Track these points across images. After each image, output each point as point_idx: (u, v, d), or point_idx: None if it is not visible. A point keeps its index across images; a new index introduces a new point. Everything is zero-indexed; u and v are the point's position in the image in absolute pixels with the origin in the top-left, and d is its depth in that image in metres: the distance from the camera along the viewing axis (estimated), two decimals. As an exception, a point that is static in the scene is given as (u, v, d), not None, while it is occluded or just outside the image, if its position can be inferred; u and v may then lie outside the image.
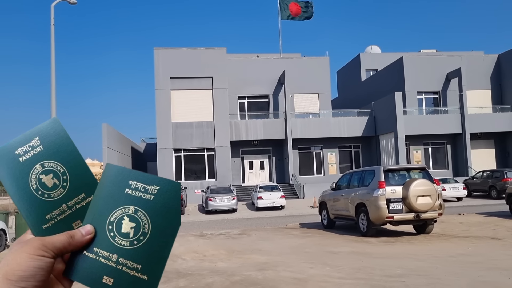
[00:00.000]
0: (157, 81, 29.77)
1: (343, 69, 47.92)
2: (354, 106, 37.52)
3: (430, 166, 33.95)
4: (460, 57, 34.55)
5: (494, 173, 26.43)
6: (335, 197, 14.33)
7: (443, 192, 25.00)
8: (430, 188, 11.69)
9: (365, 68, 42.72)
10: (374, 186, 12.09)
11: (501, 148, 34.31)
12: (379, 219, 11.86)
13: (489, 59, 34.93)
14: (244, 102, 33.69)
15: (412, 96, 33.85)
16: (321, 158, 33.80)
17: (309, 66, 33.95)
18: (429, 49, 43.78)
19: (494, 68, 34.64)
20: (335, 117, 33.19)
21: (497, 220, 15.27)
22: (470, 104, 32.89)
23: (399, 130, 30.40)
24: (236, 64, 32.86)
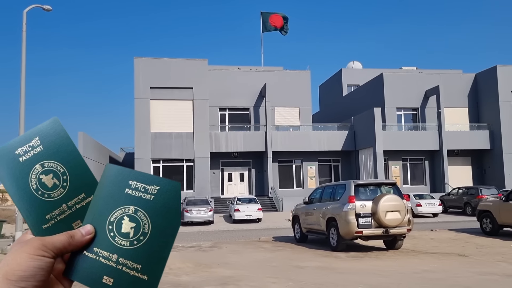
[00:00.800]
0: (137, 90, 29.57)
1: (325, 84, 48.37)
2: (335, 121, 37.82)
3: (408, 181, 34.31)
4: (438, 75, 35.20)
5: (469, 190, 26.80)
6: (308, 211, 14.29)
7: (419, 208, 25.27)
8: (399, 203, 11.73)
9: (347, 83, 43.19)
10: (344, 201, 12.10)
11: (477, 165, 34.86)
12: (349, 234, 11.84)
13: (467, 78, 35.65)
14: (225, 113, 33.66)
15: (391, 112, 34.27)
16: (300, 171, 33.84)
17: (290, 79, 34.17)
18: (409, 67, 44.52)
19: (471, 87, 35.34)
20: (315, 131, 33.37)
21: (467, 237, 15.40)
22: (447, 121, 33.43)
23: (378, 145, 30.68)
24: (218, 75, 32.89)
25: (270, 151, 31.49)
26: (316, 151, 33.05)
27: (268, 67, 37.06)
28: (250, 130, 32.88)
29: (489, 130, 33.58)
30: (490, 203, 16.15)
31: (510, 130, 32.76)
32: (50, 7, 15.15)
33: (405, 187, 33.37)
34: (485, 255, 11.56)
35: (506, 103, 32.96)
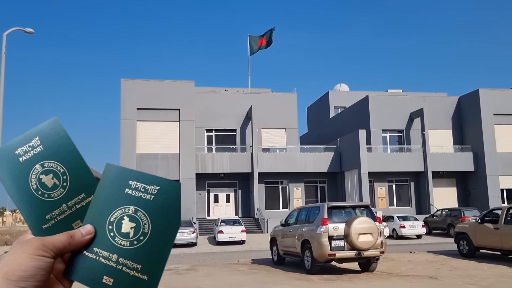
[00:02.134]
0: (123, 111, 29.73)
1: (313, 105, 48.88)
2: (322, 142, 38.13)
3: (394, 203, 34.46)
4: (423, 98, 35.78)
5: (452, 212, 26.96)
6: (284, 233, 14.34)
7: (403, 230, 25.34)
8: (372, 226, 11.84)
9: (334, 105, 43.71)
10: (318, 223, 12.19)
11: (462, 187, 35.15)
12: (322, 256, 11.89)
13: (451, 100, 36.26)
14: (212, 135, 33.84)
15: (377, 134, 34.64)
16: (287, 192, 33.91)
17: (277, 101, 34.56)
18: (395, 89, 45.23)
19: (455, 110, 35.92)
20: (301, 152, 33.59)
21: (444, 259, 15.48)
22: (432, 143, 33.83)
23: (363, 166, 30.91)
24: (205, 97, 33.21)
25: (257, 172, 31.59)
26: (302, 173, 33.20)
27: (255, 89, 37.49)
28: (236, 151, 33.03)
29: (473, 152, 34.01)
30: (467, 225, 16.30)
31: (493, 152, 33.20)
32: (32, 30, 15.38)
33: (391, 208, 33.52)
34: (457, 277, 11.65)
35: (489, 125, 33.50)
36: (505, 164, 33.18)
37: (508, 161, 33.22)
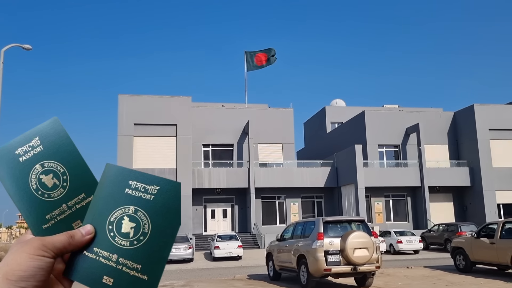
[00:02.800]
0: (120, 127, 29.83)
1: (310, 121, 49.11)
2: (319, 157, 38.21)
3: (391, 218, 34.39)
4: (418, 113, 36.03)
5: (449, 227, 26.93)
6: (280, 248, 14.31)
7: (400, 245, 25.26)
8: (367, 240, 11.83)
9: (330, 120, 43.94)
10: (313, 238, 12.17)
11: (459, 202, 35.16)
12: (318, 271, 11.85)
13: (446, 116, 36.51)
14: (209, 150, 33.90)
15: (373, 149, 34.75)
16: (284, 207, 33.84)
17: (273, 116, 34.73)
18: (392, 104, 45.54)
19: (450, 125, 36.14)
20: (298, 167, 33.63)
21: (441, 274, 15.45)
22: (428, 158, 33.93)
23: (359, 181, 30.93)
24: (202, 112, 33.37)
25: (253, 187, 31.56)
26: (299, 188, 33.19)
27: (252, 104, 37.71)
28: (233, 166, 33.05)
29: (469, 167, 34.11)
30: (463, 240, 16.29)
31: (489, 167, 33.31)
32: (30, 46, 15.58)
33: (388, 223, 33.44)
34: (453, 292, 11.62)
35: (484, 141, 33.68)
36: (501, 179, 33.27)
37: (504, 176, 33.32)
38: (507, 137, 34.05)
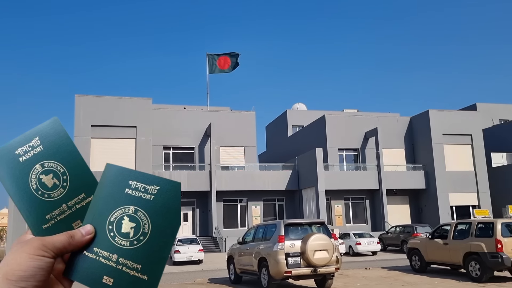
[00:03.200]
0: (77, 128, 28.87)
1: (271, 124, 49.41)
2: (281, 160, 38.46)
3: (350, 220, 35.06)
4: (377, 118, 36.99)
5: (405, 228, 27.74)
6: (241, 251, 14.24)
7: (359, 247, 25.75)
8: (327, 242, 11.96)
9: (292, 124, 44.38)
10: (274, 240, 12.19)
11: (415, 204, 36.33)
12: (278, 274, 11.86)
13: (403, 121, 37.68)
14: (169, 153, 33.38)
15: (333, 152, 35.35)
16: (245, 210, 33.80)
17: (235, 119, 34.67)
18: (351, 109, 46.54)
19: (407, 129, 37.32)
20: (260, 171, 33.71)
21: (397, 275, 15.85)
22: (386, 162, 34.87)
23: (320, 184, 31.36)
24: (162, 114, 32.84)
25: (215, 190, 31.34)
26: (261, 191, 33.25)
27: (214, 107, 37.52)
28: (194, 169, 32.71)
29: (424, 170, 35.33)
30: (418, 241, 16.80)
31: (442, 171, 34.63)
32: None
33: (348, 226, 34.07)
34: (409, 292, 11.92)
35: (438, 145, 35.00)
36: (454, 182, 34.66)
37: (457, 179, 34.74)
38: (459, 142, 35.54)
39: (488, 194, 35.10)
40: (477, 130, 36.09)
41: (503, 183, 36.44)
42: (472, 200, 35.09)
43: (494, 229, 13.20)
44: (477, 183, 35.20)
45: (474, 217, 29.94)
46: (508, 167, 37.15)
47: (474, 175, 35.31)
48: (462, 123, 35.82)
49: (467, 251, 13.86)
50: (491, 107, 45.44)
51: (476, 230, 13.93)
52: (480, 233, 13.75)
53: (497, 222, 13.36)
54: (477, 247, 13.50)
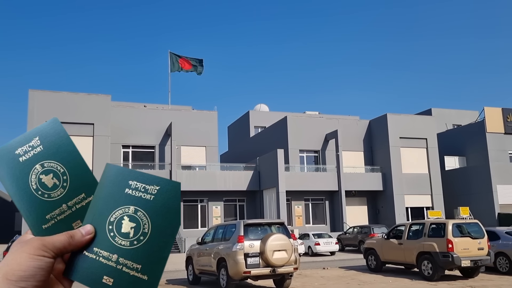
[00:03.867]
0: (30, 124, 27.66)
1: (233, 125, 49.32)
2: (243, 161, 38.43)
3: (310, 221, 35.50)
4: (337, 120, 37.68)
5: (363, 229, 28.36)
6: (200, 252, 14.09)
7: (317, 247, 26.10)
8: (286, 243, 12.02)
9: (254, 124, 44.47)
10: (234, 241, 12.13)
11: (372, 205, 37.25)
12: (237, 274, 11.81)
13: (362, 124, 38.57)
14: (128, 151, 32.64)
15: (294, 154, 35.69)
16: (206, 211, 33.54)
17: (197, 119, 34.35)
18: (312, 111, 47.17)
19: (366, 132, 38.23)
20: (221, 171, 33.54)
21: (354, 274, 16.16)
22: (345, 164, 35.56)
23: (281, 185, 31.57)
24: (122, 112, 32.06)
25: (175, 190, 30.85)
26: (221, 191, 33.09)
27: (175, 105, 37.01)
28: (154, 168, 32.12)
29: (382, 172, 36.30)
30: (374, 241, 17.21)
31: (399, 173, 35.70)
32: None
33: (307, 226, 34.47)
34: (365, 291, 12.17)
35: (395, 148, 36.06)
36: (410, 184, 35.81)
37: (412, 181, 35.91)
38: (415, 145, 36.76)
39: (441, 196, 36.50)
40: (432, 134, 37.47)
41: (455, 186, 38.05)
42: (426, 201, 36.39)
43: (445, 229, 13.71)
44: (431, 185, 36.53)
45: (428, 218, 31.06)
46: (460, 170, 38.84)
47: (429, 178, 36.63)
48: (418, 127, 37.08)
49: (420, 250, 14.32)
50: (446, 112, 47.35)
51: (429, 230, 14.42)
52: (433, 234, 14.24)
53: (449, 223, 13.88)
54: (429, 247, 13.97)
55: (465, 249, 13.49)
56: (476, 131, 38.97)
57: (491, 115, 38.12)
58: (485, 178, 36.23)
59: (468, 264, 13.36)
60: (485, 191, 35.97)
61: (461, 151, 40.41)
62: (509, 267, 14.75)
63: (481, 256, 13.66)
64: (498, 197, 35.63)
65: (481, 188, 36.26)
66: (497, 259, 14.90)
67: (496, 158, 37.92)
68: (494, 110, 38.43)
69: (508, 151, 39.35)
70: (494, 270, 15.05)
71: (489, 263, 13.92)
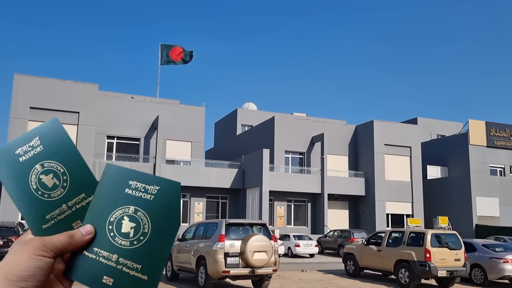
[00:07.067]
0: (14, 109, 27.18)
1: (221, 121, 49.20)
2: (228, 158, 38.36)
3: (291, 222, 35.64)
4: (324, 124, 37.85)
5: (343, 233, 28.59)
6: (180, 248, 14.02)
7: (297, 248, 26.21)
8: (267, 244, 12.03)
9: (241, 123, 44.42)
10: (215, 239, 12.09)
11: (354, 210, 37.55)
12: (216, 273, 11.78)
13: (348, 128, 38.83)
14: (113, 142, 32.28)
15: (280, 154, 35.76)
16: (188, 206, 33.38)
17: (185, 114, 34.15)
18: (300, 113, 47.31)
19: (352, 137, 38.50)
20: (205, 167, 33.42)
21: (332, 278, 16.27)
22: (330, 167, 35.77)
23: (264, 185, 31.60)
24: (108, 102, 31.69)
25: (158, 184, 30.65)
26: (205, 187, 32.98)
27: (163, 99, 36.73)
28: (138, 161, 31.86)
29: (365, 178, 36.61)
30: (354, 247, 17.36)
31: (382, 179, 36.05)
32: None
33: (288, 227, 34.59)
34: (342, 296, 12.26)
35: (380, 154, 36.40)
36: (391, 191, 36.20)
37: (394, 188, 36.30)
38: (399, 153, 37.15)
39: (421, 204, 36.98)
40: (416, 143, 37.93)
41: (436, 195, 38.60)
42: (407, 209, 36.83)
43: (424, 239, 13.88)
44: (412, 193, 36.99)
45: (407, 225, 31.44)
46: (441, 180, 39.40)
47: (410, 186, 37.08)
48: (403, 135, 37.49)
49: (398, 258, 14.48)
50: (430, 122, 48.00)
51: (408, 239, 14.58)
52: (412, 242, 14.41)
53: (428, 233, 14.07)
54: (407, 255, 14.14)
55: (442, 259, 13.69)
56: (459, 143, 39.60)
57: (474, 127, 38.76)
58: (465, 189, 36.84)
59: (444, 274, 13.56)
60: (465, 202, 36.58)
61: (443, 161, 40.99)
62: (483, 279, 15.03)
63: (458, 267, 13.88)
64: (477, 209, 36.27)
65: (461, 199, 36.86)
66: (473, 271, 15.16)
67: (477, 170, 38.58)
68: (478, 123, 39.09)
69: (489, 164, 40.05)
70: (469, 281, 15.32)
71: (464, 274, 14.15)
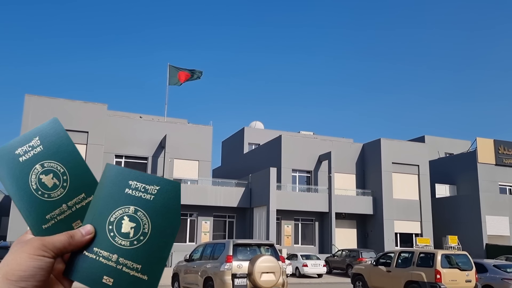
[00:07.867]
0: (24, 129, 27.51)
1: (228, 140, 49.38)
2: (235, 177, 38.37)
3: (299, 241, 35.36)
4: (331, 142, 37.86)
5: (351, 252, 28.30)
6: (188, 269, 13.98)
7: (305, 268, 25.97)
8: (275, 265, 11.97)
9: (248, 141, 44.55)
10: (222, 260, 12.06)
11: (362, 229, 37.22)
12: (223, 295, 11.71)
13: (356, 146, 38.79)
14: (121, 161, 32.48)
15: (287, 173, 35.72)
16: (195, 225, 33.31)
17: (192, 133, 34.37)
18: (307, 131, 47.40)
19: (359, 155, 38.42)
20: (213, 186, 33.43)
21: (341, 299, 16.06)
22: (337, 186, 35.62)
23: (272, 204, 31.49)
24: (117, 122, 32.02)
25: (165, 203, 30.67)
26: (212, 206, 32.93)
27: (171, 118, 37.04)
28: (146, 180, 31.95)
29: (373, 196, 36.38)
30: (363, 267, 17.17)
31: (390, 198, 35.81)
32: None
33: (296, 247, 34.32)
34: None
35: (387, 173, 36.24)
36: (400, 209, 35.90)
37: (402, 207, 36.01)
38: (406, 171, 36.96)
39: (430, 223, 36.58)
40: (424, 161, 37.74)
41: (445, 214, 38.20)
42: (416, 228, 36.44)
43: (434, 259, 13.72)
44: (421, 212, 36.64)
45: (416, 244, 31.08)
46: (450, 199, 39.03)
47: (419, 204, 36.76)
48: (410, 153, 37.34)
49: (408, 279, 14.29)
50: (438, 140, 47.80)
51: (417, 259, 14.42)
52: (421, 263, 14.24)
53: (438, 253, 13.91)
54: (417, 276, 13.96)
55: (453, 280, 13.50)
56: (468, 161, 39.32)
57: (483, 146, 38.54)
58: (474, 208, 36.44)
59: (455, 295, 13.34)
60: (474, 221, 36.14)
61: (452, 180, 40.67)
62: (495, 301, 14.77)
63: (468, 288, 13.66)
64: (487, 228, 35.81)
65: (470, 218, 36.44)
66: (484, 292, 14.91)
67: (486, 188, 38.19)
68: (486, 141, 38.87)
69: (498, 182, 39.65)
70: (480, 302, 15.03)
71: (475, 295, 13.91)
